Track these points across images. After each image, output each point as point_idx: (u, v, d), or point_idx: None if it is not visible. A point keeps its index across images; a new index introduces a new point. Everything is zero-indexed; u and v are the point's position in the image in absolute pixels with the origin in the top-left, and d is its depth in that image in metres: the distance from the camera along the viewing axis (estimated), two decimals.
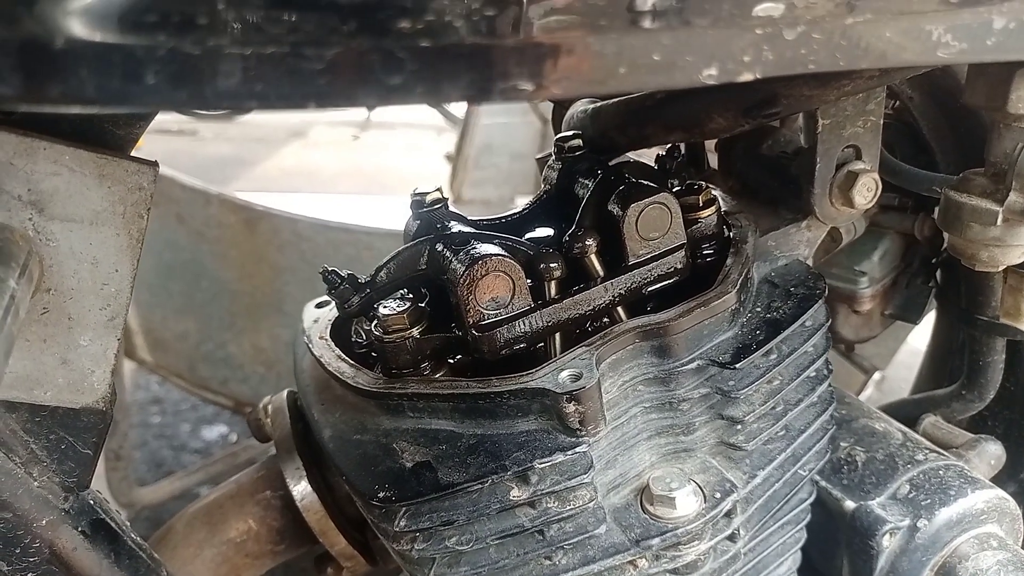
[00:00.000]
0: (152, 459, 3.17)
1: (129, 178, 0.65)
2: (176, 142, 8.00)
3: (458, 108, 6.91)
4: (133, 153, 0.67)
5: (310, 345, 0.91)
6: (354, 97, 0.41)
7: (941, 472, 1.02)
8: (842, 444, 1.08)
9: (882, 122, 0.90)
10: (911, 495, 1.01)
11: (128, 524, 0.81)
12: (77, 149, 0.62)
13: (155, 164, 0.66)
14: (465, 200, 4.35)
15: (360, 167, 7.28)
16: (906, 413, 1.24)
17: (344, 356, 0.87)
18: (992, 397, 1.19)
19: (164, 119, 8.51)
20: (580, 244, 0.83)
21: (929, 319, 1.36)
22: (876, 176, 0.89)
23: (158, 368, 2.58)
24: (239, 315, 2.44)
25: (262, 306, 2.39)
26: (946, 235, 0.88)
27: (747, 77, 0.48)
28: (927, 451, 1.06)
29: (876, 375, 2.18)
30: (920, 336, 1.56)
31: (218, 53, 0.39)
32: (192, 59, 0.39)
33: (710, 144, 1.13)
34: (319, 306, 0.98)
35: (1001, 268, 0.86)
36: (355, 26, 0.39)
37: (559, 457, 0.74)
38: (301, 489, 0.91)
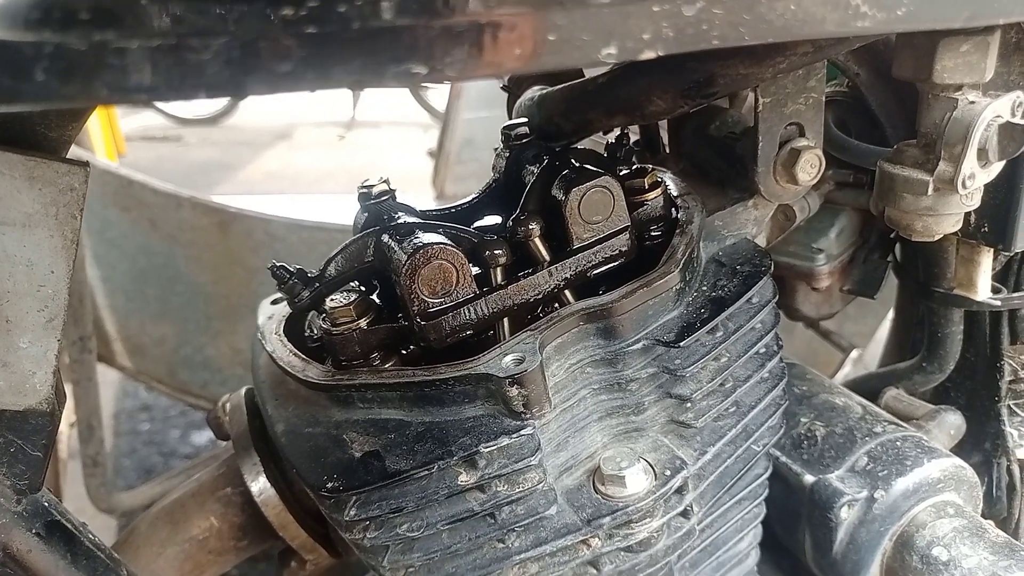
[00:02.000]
0: (142, 466, 3.18)
1: (60, 179, 0.65)
2: (161, 148, 8.00)
3: (439, 103, 6.92)
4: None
5: (263, 341, 0.91)
6: (244, 86, 0.41)
7: (899, 443, 1.04)
8: (802, 419, 1.10)
9: (824, 98, 0.90)
10: (869, 467, 1.02)
11: (85, 525, 0.82)
12: (5, 152, 0.62)
13: (86, 164, 0.66)
14: (448, 195, 4.35)
15: (346, 167, 7.28)
16: (870, 387, 1.26)
17: (295, 350, 0.87)
18: (952, 368, 1.20)
19: (148, 125, 8.51)
20: (524, 228, 0.83)
21: None
22: (819, 152, 0.90)
23: (138, 374, 2.58)
24: (216, 318, 2.45)
25: (238, 308, 2.40)
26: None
27: (649, 55, 0.49)
28: (886, 423, 1.08)
29: (853, 353, 2.20)
30: None
31: (104, 47, 0.40)
32: (79, 55, 0.40)
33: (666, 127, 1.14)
34: (274, 303, 0.99)
35: (936, 237, 0.87)
36: (239, 14, 0.40)
37: (505, 440, 0.75)
38: (259, 485, 0.92)
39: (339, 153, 7.91)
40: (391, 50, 0.43)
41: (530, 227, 0.83)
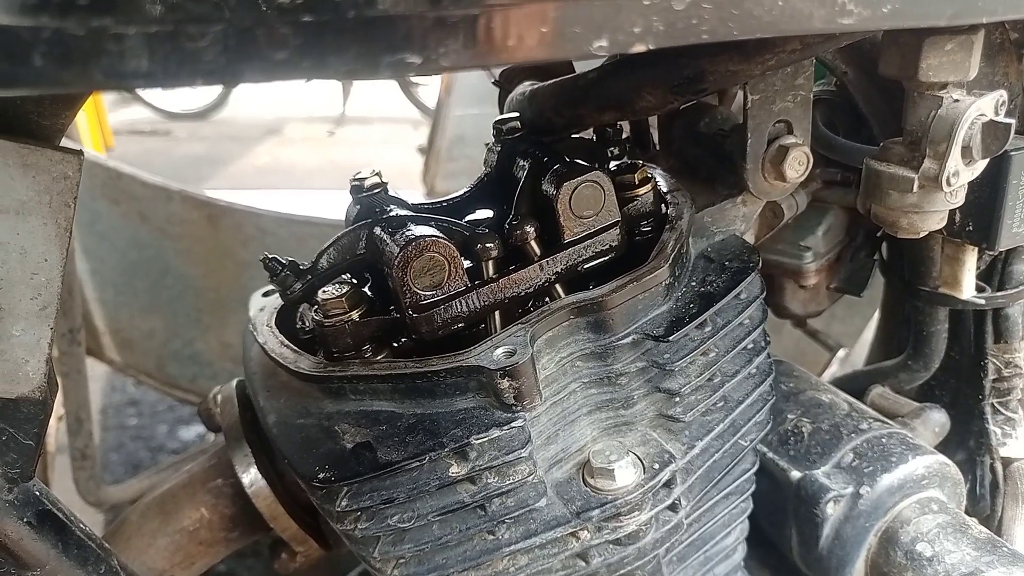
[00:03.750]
0: (129, 461, 3.17)
1: (54, 167, 0.65)
2: (149, 142, 7.97)
3: (430, 99, 6.91)
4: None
5: (255, 333, 0.91)
6: (240, 73, 0.42)
7: (884, 440, 1.05)
8: (789, 416, 1.11)
9: (812, 96, 0.91)
10: (854, 463, 1.03)
11: (76, 515, 0.82)
12: None
13: (80, 152, 0.66)
14: (439, 192, 4.35)
15: (335, 163, 7.27)
16: (856, 385, 1.27)
17: (287, 342, 0.87)
18: (937, 366, 1.21)
19: (137, 119, 8.47)
20: (520, 231, 0.83)
21: None
22: (807, 150, 0.91)
23: (127, 368, 2.57)
24: (205, 311, 2.44)
25: (228, 302, 2.39)
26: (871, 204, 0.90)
27: (639, 48, 0.49)
28: (871, 420, 1.09)
29: (840, 352, 2.21)
30: None
31: (103, 33, 0.40)
32: (77, 40, 0.40)
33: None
34: (266, 295, 0.99)
35: (921, 234, 0.88)
36: (236, 2, 0.40)
37: (496, 432, 0.75)
38: (250, 476, 0.92)
39: (329, 149, 7.90)
40: (386, 40, 0.43)
41: (527, 230, 0.83)
